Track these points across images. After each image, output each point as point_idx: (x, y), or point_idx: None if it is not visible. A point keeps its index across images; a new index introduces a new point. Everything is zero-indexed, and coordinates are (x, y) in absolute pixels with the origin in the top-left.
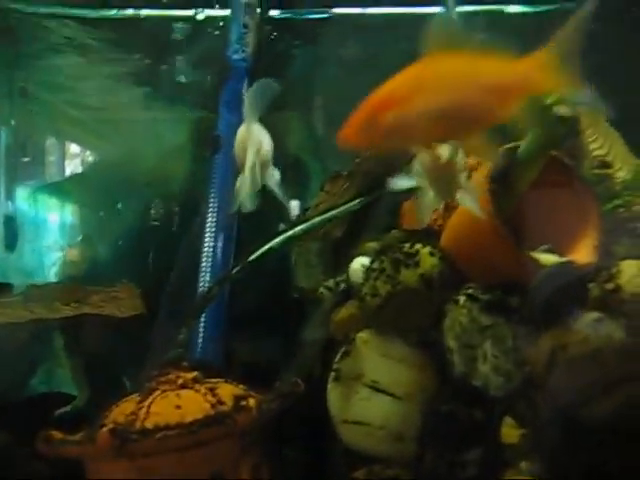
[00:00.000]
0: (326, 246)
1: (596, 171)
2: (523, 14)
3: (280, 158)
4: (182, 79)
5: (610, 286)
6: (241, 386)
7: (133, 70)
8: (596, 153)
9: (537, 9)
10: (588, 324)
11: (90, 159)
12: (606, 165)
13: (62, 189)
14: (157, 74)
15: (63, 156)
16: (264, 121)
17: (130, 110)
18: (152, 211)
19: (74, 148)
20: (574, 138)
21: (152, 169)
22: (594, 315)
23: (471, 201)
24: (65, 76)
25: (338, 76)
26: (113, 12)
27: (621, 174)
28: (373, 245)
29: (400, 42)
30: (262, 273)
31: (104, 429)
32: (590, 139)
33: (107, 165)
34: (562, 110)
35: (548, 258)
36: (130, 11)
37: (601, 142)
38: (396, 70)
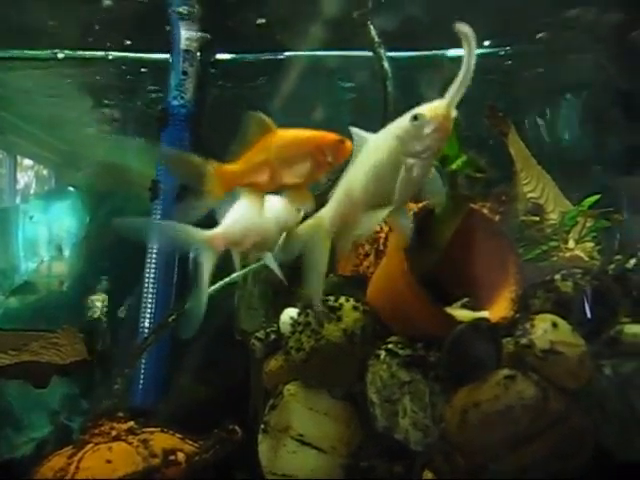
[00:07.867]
0: (268, 290)
1: (529, 215)
2: None
3: None
4: None
5: (524, 341)
6: (177, 435)
7: None
8: (529, 196)
9: None
10: (499, 382)
11: None
12: (539, 208)
13: None
14: None
15: None
16: None
17: None
18: None
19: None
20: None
21: None
22: (505, 372)
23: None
24: None
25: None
26: None
27: (553, 216)
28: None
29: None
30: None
31: None
32: (524, 182)
33: None
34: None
35: (463, 314)
36: None
37: (534, 185)
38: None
